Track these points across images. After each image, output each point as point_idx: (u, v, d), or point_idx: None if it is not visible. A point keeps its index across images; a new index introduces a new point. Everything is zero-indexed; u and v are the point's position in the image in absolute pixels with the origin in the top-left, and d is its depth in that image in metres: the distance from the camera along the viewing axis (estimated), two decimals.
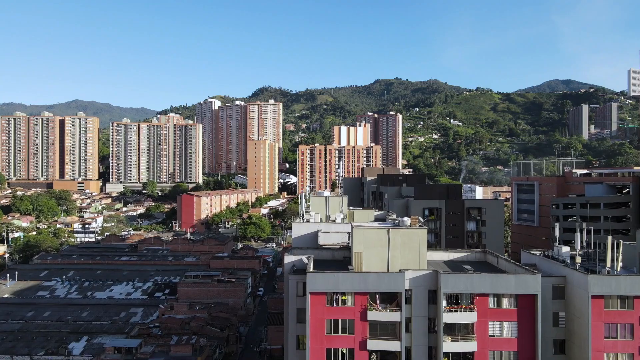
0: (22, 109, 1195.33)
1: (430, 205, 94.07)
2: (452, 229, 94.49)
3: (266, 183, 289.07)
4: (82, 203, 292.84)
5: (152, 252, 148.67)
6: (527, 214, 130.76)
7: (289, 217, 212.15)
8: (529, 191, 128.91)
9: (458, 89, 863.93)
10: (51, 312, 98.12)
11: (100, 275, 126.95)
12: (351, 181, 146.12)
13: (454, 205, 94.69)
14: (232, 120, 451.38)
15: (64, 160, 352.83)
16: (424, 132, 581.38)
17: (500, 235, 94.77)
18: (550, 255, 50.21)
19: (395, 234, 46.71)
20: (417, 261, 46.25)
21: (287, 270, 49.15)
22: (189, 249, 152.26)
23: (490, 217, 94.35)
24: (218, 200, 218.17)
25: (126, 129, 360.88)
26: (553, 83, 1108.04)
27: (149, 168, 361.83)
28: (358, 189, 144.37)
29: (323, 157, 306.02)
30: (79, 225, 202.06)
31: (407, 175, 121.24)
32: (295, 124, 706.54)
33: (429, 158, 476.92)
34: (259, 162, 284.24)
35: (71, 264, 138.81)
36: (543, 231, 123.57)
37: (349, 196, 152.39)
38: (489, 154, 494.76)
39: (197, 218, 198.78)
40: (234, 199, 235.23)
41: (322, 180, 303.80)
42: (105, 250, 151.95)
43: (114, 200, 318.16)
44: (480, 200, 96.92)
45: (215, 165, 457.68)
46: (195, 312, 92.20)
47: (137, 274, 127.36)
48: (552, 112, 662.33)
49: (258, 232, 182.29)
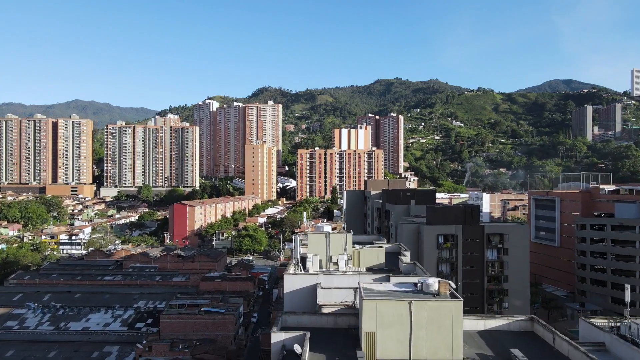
0: (22, 109, 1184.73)
1: (445, 231, 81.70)
2: (470, 258, 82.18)
3: (264, 189, 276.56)
4: (74, 209, 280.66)
5: (138, 271, 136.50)
6: (546, 232, 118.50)
7: (287, 227, 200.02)
8: (549, 207, 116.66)
9: (459, 89, 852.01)
10: (15, 351, 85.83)
11: (78, 299, 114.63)
12: (354, 194, 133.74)
13: (472, 231, 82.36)
14: (231, 122, 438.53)
15: (56, 164, 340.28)
16: (425, 133, 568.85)
17: (525, 265, 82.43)
18: (626, 336, 37.56)
19: (420, 308, 34.32)
20: (449, 346, 33.95)
21: (275, 355, 36.71)
22: (178, 267, 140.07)
23: (514, 245, 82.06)
24: (213, 210, 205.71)
25: (121, 132, 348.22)
26: (554, 83, 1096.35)
27: (145, 172, 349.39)
28: (361, 202, 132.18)
29: (323, 161, 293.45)
30: (66, 236, 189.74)
31: (415, 190, 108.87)
32: (295, 124, 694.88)
33: (430, 160, 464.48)
34: (257, 168, 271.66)
35: (49, 285, 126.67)
36: (565, 252, 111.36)
37: (352, 211, 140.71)
38: (492, 155, 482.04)
39: (190, 229, 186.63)
40: (230, 207, 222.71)
41: (322, 185, 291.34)
42: (88, 268, 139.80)
43: (107, 206, 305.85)
44: (502, 225, 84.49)
45: (213, 168, 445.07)
46: (177, 353, 79.87)
47: (119, 299, 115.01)
48: (554, 113, 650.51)
49: (254, 245, 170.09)
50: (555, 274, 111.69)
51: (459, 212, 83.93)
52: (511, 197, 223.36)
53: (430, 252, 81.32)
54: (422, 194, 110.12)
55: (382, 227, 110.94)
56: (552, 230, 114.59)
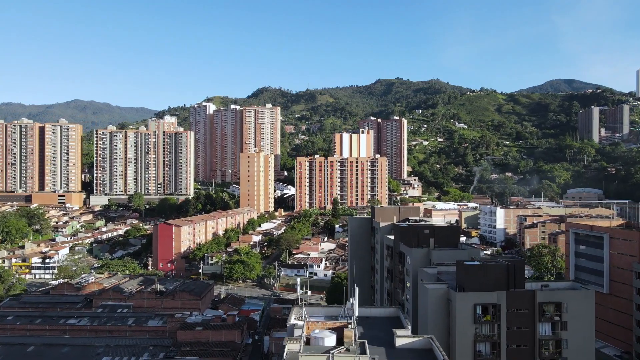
0: (21, 109, 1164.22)
1: (484, 299, 60.96)
2: (517, 335, 61.49)
3: (260, 200, 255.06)
4: (58, 221, 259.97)
5: (109, 311, 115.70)
6: (589, 274, 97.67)
7: (284, 247, 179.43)
8: (593, 244, 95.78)
9: (461, 89, 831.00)
10: None
11: (31, 355, 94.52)
12: (359, 223, 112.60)
13: (519, 299, 61.65)
14: (227, 126, 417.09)
15: (44, 171, 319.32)
16: (427, 135, 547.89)
17: (591, 344, 61.70)
18: None
19: None
20: None
21: None
22: (156, 305, 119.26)
23: (575, 317, 61.40)
24: (203, 228, 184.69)
25: (111, 137, 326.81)
26: (555, 83, 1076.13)
27: (137, 179, 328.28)
28: (367, 234, 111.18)
29: (323, 169, 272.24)
30: (39, 259, 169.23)
31: (434, 228, 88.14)
32: (295, 125, 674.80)
33: (434, 164, 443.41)
34: (252, 178, 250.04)
35: (2, 331, 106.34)
36: (617, 301, 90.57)
37: (357, 243, 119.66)
38: (497, 159, 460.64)
39: (177, 251, 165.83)
40: (222, 223, 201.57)
41: (323, 195, 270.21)
42: (53, 307, 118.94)
43: (95, 216, 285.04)
44: (559, 291, 63.81)
45: (209, 173, 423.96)
46: None
47: (79, 354, 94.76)
48: (559, 114, 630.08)
49: (246, 272, 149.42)
50: (604, 327, 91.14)
51: (500, 273, 62.99)
52: (527, 212, 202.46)
53: (465, 327, 60.62)
54: (444, 232, 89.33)
55: (395, 272, 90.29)
56: (599, 272, 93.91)
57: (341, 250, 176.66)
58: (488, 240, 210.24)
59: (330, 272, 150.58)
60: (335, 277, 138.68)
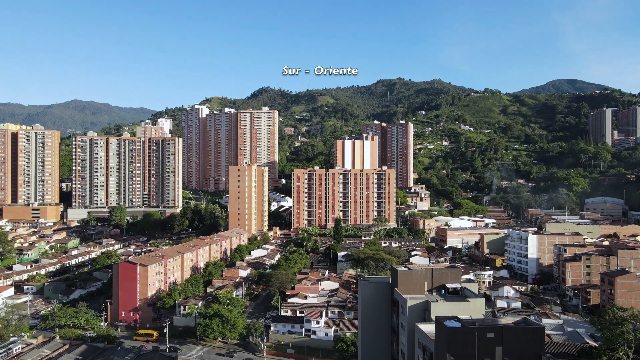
0: (20, 109, 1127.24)
1: None
2: None
3: (252, 219, 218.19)
4: (24, 242, 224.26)
5: None
6: None
7: (276, 287, 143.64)
8: None
9: (463, 90, 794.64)
10: None
11: None
12: (374, 292, 75.86)
13: None
14: (222, 131, 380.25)
15: (16, 181, 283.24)
16: (432, 138, 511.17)
17: None
18: None
19: None
20: None
21: None
22: None
23: None
24: (178, 263, 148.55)
25: (92, 144, 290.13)
26: (558, 83, 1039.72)
27: (119, 190, 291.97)
28: (387, 307, 74.61)
29: (324, 182, 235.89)
30: None
31: (504, 329, 51.79)
32: (295, 127, 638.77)
33: (440, 169, 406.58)
34: (243, 194, 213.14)
35: None
36: None
37: (371, 319, 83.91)
38: (507, 164, 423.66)
39: (142, 297, 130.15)
40: (203, 254, 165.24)
41: (323, 212, 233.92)
42: None
43: (69, 234, 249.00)
44: None
45: (202, 182, 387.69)
46: None
47: None
48: (567, 116, 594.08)
49: (225, 330, 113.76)
50: None
51: None
52: (565, 240, 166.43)
53: None
54: (518, 337, 53.69)
55: None
56: None
57: (345, 292, 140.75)
58: (517, 271, 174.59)
59: (332, 330, 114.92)
60: (340, 342, 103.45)
